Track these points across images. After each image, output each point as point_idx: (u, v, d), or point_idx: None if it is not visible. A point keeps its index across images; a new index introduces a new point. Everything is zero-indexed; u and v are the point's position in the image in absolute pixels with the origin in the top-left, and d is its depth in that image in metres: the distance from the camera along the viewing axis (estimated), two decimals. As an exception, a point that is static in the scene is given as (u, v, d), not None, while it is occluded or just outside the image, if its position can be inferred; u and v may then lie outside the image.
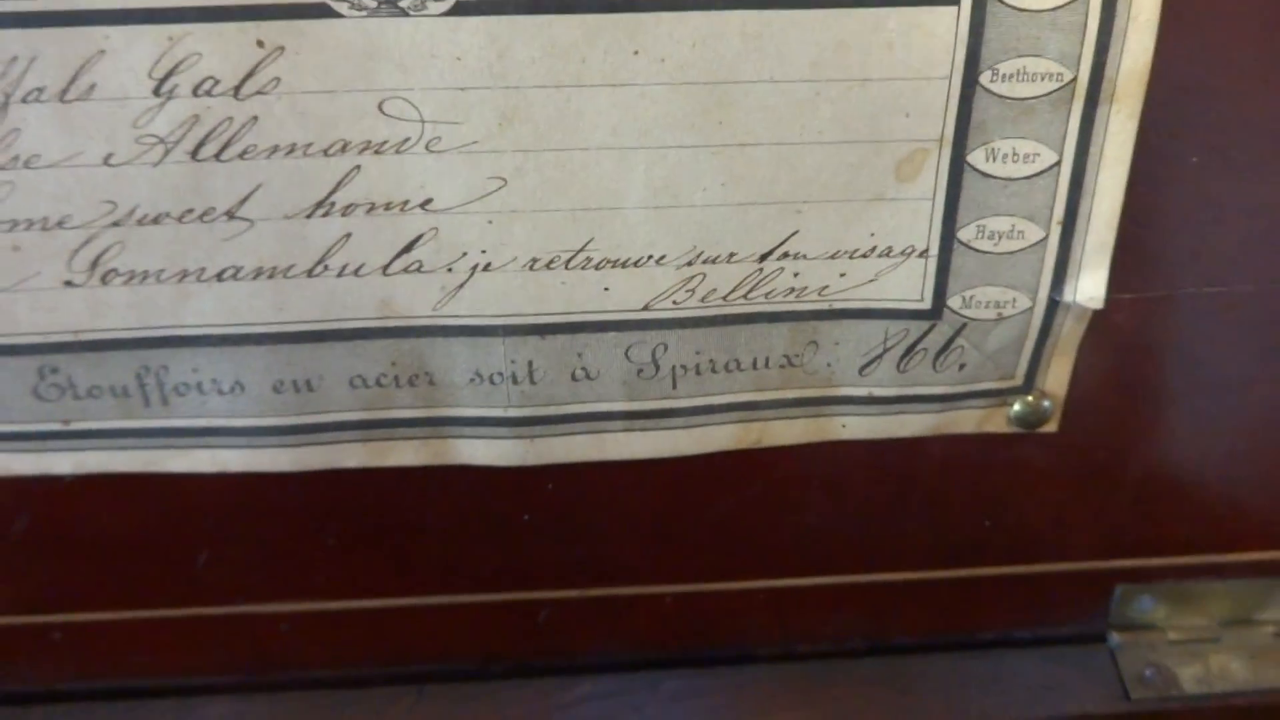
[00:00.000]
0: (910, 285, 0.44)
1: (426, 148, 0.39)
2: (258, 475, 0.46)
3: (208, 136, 0.38)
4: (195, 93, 0.37)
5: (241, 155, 0.39)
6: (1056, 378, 0.47)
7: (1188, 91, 0.41)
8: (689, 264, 0.42)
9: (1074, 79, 0.39)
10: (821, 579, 0.55)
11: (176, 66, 0.37)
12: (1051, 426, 0.48)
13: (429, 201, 0.40)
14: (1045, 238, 0.43)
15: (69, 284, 0.41)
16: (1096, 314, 0.45)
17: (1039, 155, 0.41)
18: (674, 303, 0.43)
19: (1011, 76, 0.39)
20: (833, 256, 0.43)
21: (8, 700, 0.54)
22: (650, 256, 0.42)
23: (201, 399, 0.44)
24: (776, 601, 0.55)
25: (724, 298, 0.43)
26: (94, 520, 0.49)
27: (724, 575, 0.54)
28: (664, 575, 0.54)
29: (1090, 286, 0.43)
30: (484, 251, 0.41)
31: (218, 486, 0.47)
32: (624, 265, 0.42)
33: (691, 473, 0.49)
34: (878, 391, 0.46)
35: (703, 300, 0.43)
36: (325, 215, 0.40)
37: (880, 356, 0.45)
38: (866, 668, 0.57)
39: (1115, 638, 0.57)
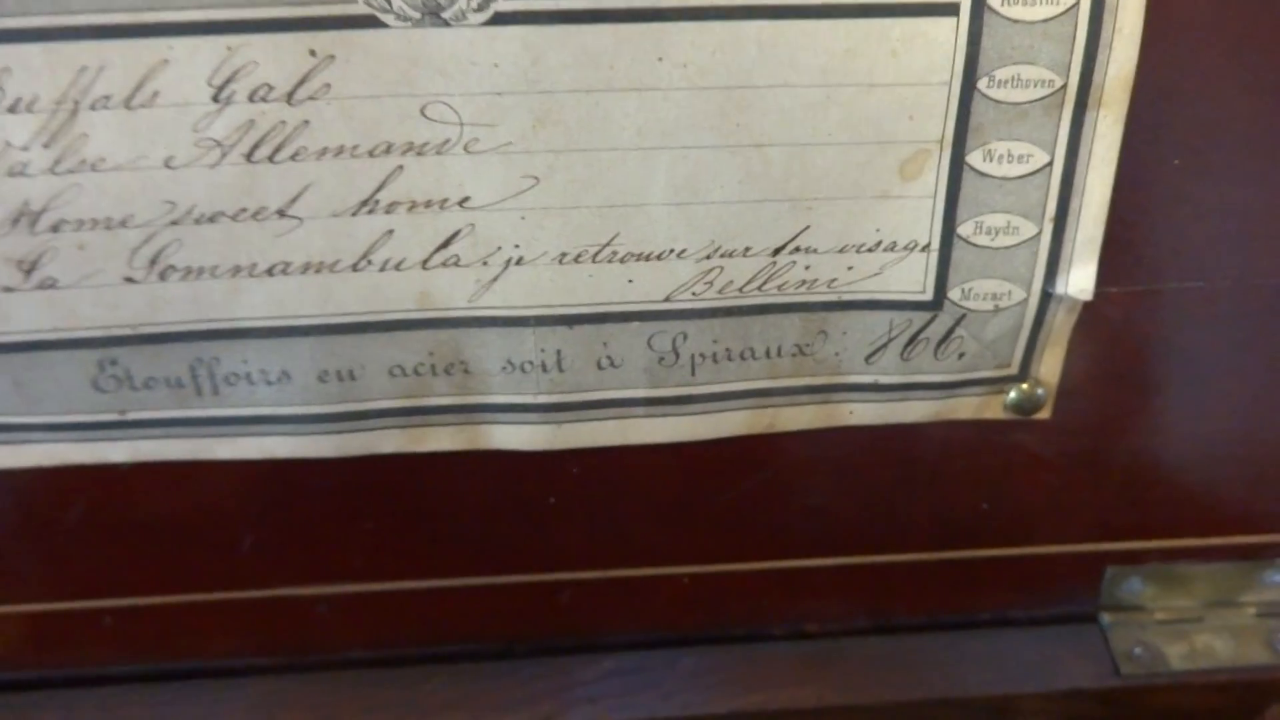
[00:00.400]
0: (913, 278, 0.45)
1: (465, 149, 0.40)
2: (300, 462, 0.47)
3: (262, 139, 0.39)
4: (251, 99, 0.38)
5: (293, 157, 0.40)
6: (1049, 367, 0.48)
7: (1169, 98, 0.42)
8: (708, 258, 0.43)
9: (1064, 85, 0.40)
10: (829, 560, 0.55)
11: (234, 74, 0.38)
12: (1045, 413, 0.49)
13: (466, 199, 0.41)
14: (1038, 233, 0.43)
15: (129, 280, 0.42)
16: (1086, 306, 0.45)
17: (1032, 156, 0.42)
18: (693, 294, 0.44)
19: (1006, 83, 0.40)
20: (841, 251, 0.44)
21: (60, 684, 0.55)
22: (671, 250, 0.43)
23: (250, 389, 0.45)
24: (787, 582, 0.56)
25: (740, 289, 0.44)
26: (145, 507, 0.50)
27: (738, 556, 0.55)
28: (681, 556, 0.54)
29: (1080, 279, 0.44)
30: (517, 246, 0.42)
31: (262, 473, 0.48)
32: (647, 259, 0.43)
33: (708, 457, 0.50)
34: (883, 379, 0.47)
35: (720, 292, 0.44)
36: (370, 213, 0.41)
37: (885, 346, 0.46)
38: (872, 645, 0.57)
39: (1105, 617, 0.58)
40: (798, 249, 0.44)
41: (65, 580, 0.52)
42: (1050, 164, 0.42)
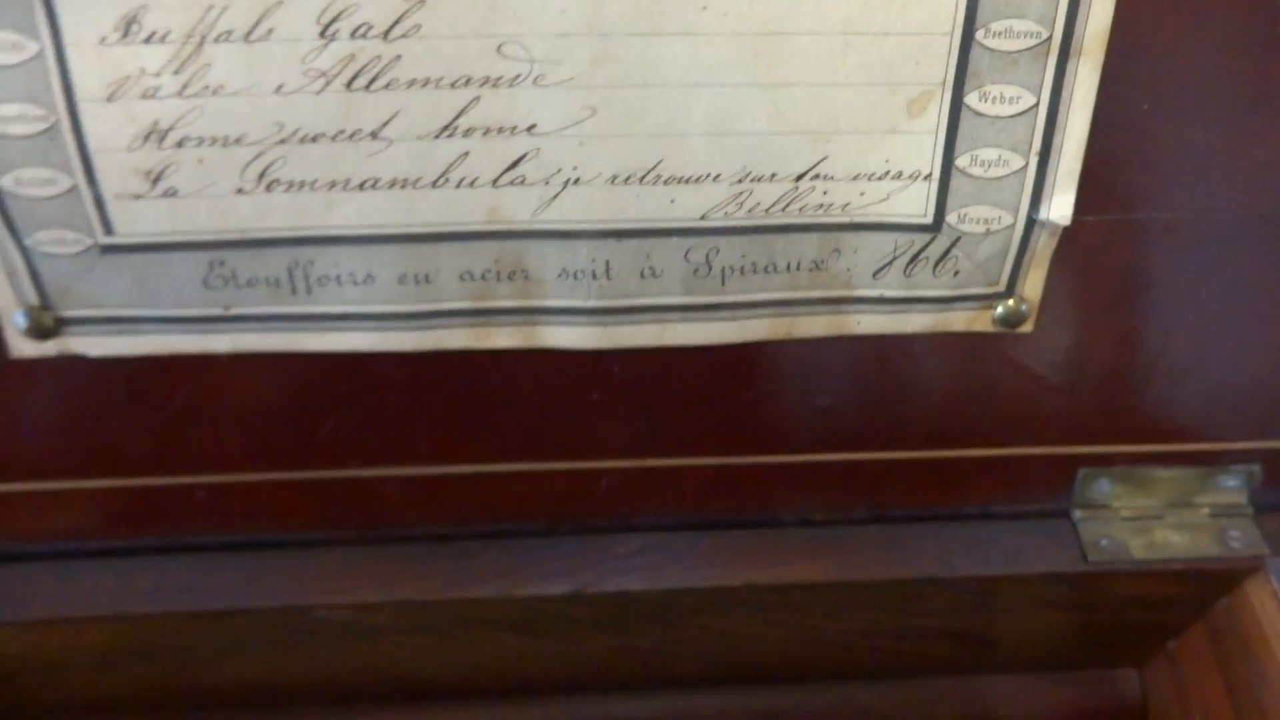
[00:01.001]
0: (916, 204, 0.47)
1: (534, 82, 0.43)
2: (376, 355, 0.49)
3: (360, 71, 0.42)
4: (353, 35, 0.41)
5: (386, 87, 0.42)
6: (1033, 285, 0.50)
7: (1141, 49, 0.44)
8: (739, 182, 0.46)
9: (1049, 37, 0.42)
10: (834, 455, 0.57)
11: (340, 14, 0.41)
12: (1028, 327, 0.51)
13: (533, 126, 0.44)
14: (1025, 166, 0.46)
15: (239, 191, 0.44)
16: (1065, 231, 0.47)
17: (1021, 98, 0.44)
18: (726, 214, 0.46)
19: (1000, 34, 0.42)
20: (854, 178, 0.46)
21: (157, 550, 0.58)
22: (708, 175, 0.45)
23: (339, 289, 0.47)
24: (797, 474, 0.58)
25: (766, 210, 0.46)
26: (239, 394, 0.52)
27: (755, 450, 0.57)
28: (706, 449, 0.57)
29: (1061, 206, 0.46)
30: (575, 168, 0.45)
31: (342, 365, 0.50)
32: (687, 182, 0.45)
33: (733, 359, 0.52)
34: (888, 293, 0.49)
35: (749, 212, 0.46)
36: (449, 137, 0.44)
37: (890, 263, 0.48)
38: (870, 532, 0.60)
39: (1077, 513, 0.60)
40: (817, 176, 0.46)
41: (165, 457, 0.54)
42: (1037, 105, 0.44)
